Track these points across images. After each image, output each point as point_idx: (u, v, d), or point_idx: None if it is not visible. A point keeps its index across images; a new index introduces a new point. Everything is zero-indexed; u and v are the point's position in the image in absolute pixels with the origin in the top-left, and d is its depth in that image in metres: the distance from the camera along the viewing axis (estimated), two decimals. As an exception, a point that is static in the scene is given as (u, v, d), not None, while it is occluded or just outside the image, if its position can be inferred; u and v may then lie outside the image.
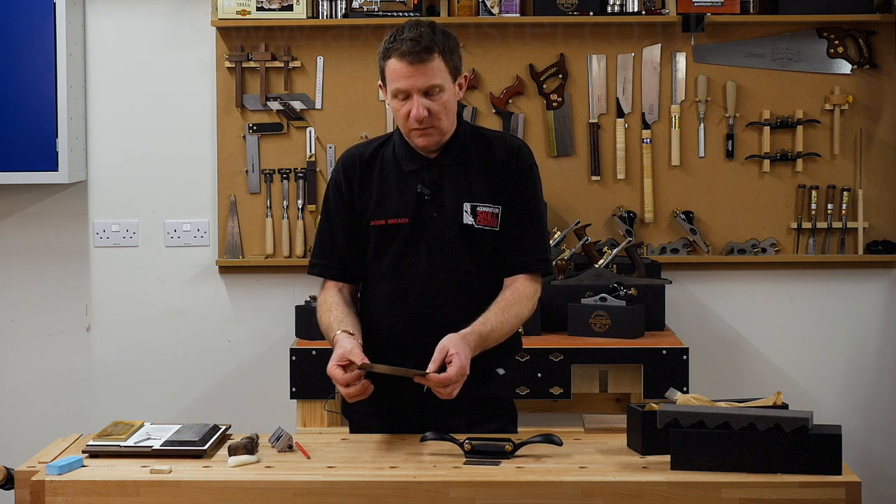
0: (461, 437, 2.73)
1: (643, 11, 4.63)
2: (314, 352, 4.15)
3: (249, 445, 2.70)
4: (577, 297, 4.31)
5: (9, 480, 2.67)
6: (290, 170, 4.74)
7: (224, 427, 2.88)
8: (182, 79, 4.76)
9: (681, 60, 4.72)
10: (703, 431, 2.58)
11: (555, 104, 4.72)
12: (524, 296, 2.96)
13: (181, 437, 2.77)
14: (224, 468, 2.65)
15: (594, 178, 4.73)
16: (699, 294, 4.78)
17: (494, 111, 4.71)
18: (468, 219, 2.97)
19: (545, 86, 4.72)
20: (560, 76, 4.72)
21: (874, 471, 4.78)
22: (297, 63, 4.70)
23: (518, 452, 2.70)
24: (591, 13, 4.62)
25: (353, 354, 2.79)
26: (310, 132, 4.73)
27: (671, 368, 4.12)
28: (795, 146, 4.71)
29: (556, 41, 4.71)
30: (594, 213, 4.73)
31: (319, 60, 4.71)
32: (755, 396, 2.82)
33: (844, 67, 4.71)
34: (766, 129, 4.70)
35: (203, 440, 2.76)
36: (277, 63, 4.69)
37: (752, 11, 4.66)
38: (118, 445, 2.74)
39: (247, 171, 4.73)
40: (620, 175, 4.72)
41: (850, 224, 4.71)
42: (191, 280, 4.81)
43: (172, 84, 4.76)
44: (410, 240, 2.97)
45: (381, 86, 2.95)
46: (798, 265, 4.77)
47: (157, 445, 2.74)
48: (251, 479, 2.57)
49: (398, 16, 4.56)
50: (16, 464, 2.76)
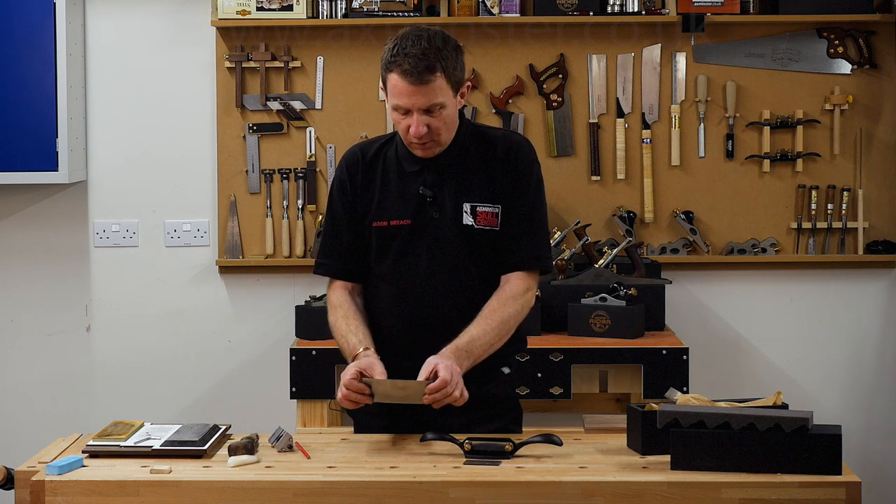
0: (461, 437, 2.74)
1: (643, 11, 4.63)
2: (314, 352, 4.15)
3: (249, 445, 2.70)
4: (577, 297, 4.31)
5: (9, 480, 2.67)
6: (290, 170, 4.74)
7: (224, 427, 2.88)
8: (182, 79, 4.76)
9: (681, 60, 4.72)
10: (703, 431, 2.58)
11: (555, 104, 4.72)
12: (511, 296, 2.95)
13: (181, 437, 2.78)
14: (224, 468, 2.65)
15: (594, 178, 4.73)
16: (699, 294, 4.78)
17: (494, 111, 4.71)
18: (468, 219, 2.97)
19: (545, 86, 4.72)
20: (560, 76, 4.72)
21: (874, 471, 4.78)
22: (297, 63, 4.70)
23: (518, 452, 2.70)
24: (591, 13, 4.62)
25: (374, 371, 2.84)
26: (310, 132, 4.73)
27: (671, 368, 4.12)
28: (795, 146, 4.71)
29: (556, 41, 4.71)
30: (594, 213, 4.73)
31: (319, 60, 4.71)
32: (755, 396, 2.82)
33: (844, 67, 4.71)
34: (766, 129, 4.70)
35: (203, 440, 2.76)
36: (277, 63, 4.69)
37: (752, 11, 4.66)
38: (118, 445, 2.74)
39: (247, 171, 4.73)
40: (620, 175, 4.72)
41: (850, 224, 4.71)
42: (191, 280, 4.80)
43: (172, 84, 4.76)
44: (411, 240, 2.98)
45: (383, 88, 2.95)
46: (798, 265, 4.77)
47: (157, 445, 2.74)
48: (251, 479, 2.57)
49: (398, 16, 4.55)
50: (16, 464, 2.76)
